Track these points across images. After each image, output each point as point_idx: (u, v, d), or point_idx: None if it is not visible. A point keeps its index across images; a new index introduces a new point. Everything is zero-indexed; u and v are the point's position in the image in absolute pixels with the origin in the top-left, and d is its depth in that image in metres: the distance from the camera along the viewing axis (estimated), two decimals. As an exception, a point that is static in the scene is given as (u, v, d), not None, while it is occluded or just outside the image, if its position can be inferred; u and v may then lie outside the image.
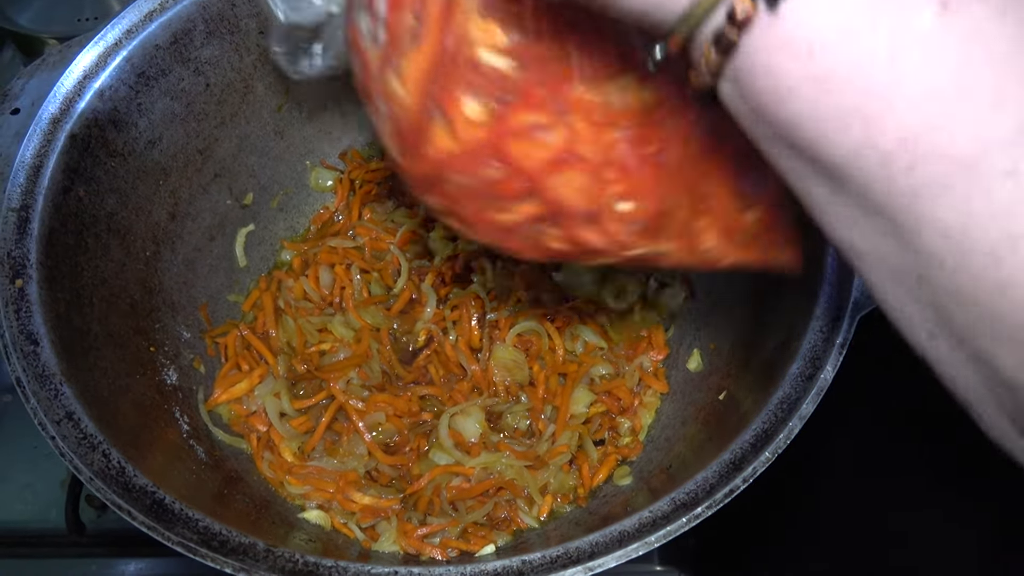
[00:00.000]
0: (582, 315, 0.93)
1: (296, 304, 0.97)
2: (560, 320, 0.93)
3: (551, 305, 0.93)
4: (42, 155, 0.74)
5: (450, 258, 0.96)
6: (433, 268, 0.97)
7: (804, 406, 0.64)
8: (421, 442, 0.86)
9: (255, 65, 0.92)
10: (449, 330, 0.94)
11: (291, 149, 1.01)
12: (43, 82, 0.78)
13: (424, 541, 0.78)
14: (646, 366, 0.92)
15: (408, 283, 0.96)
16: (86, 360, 0.71)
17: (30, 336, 0.67)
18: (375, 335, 0.93)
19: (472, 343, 0.92)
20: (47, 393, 0.64)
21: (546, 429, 0.87)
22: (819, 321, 0.68)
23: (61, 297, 0.71)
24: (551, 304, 0.93)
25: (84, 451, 0.62)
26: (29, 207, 0.72)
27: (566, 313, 0.93)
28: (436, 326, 0.93)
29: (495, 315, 0.93)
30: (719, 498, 0.61)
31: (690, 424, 0.84)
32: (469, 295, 0.94)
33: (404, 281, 0.96)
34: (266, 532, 0.64)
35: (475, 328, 0.92)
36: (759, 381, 0.72)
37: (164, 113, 0.85)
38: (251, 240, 1.00)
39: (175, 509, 0.61)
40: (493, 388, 0.89)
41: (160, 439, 0.77)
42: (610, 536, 0.61)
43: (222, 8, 0.86)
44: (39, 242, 0.71)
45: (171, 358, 0.86)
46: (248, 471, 0.84)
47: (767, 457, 0.62)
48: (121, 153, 0.81)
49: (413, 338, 0.94)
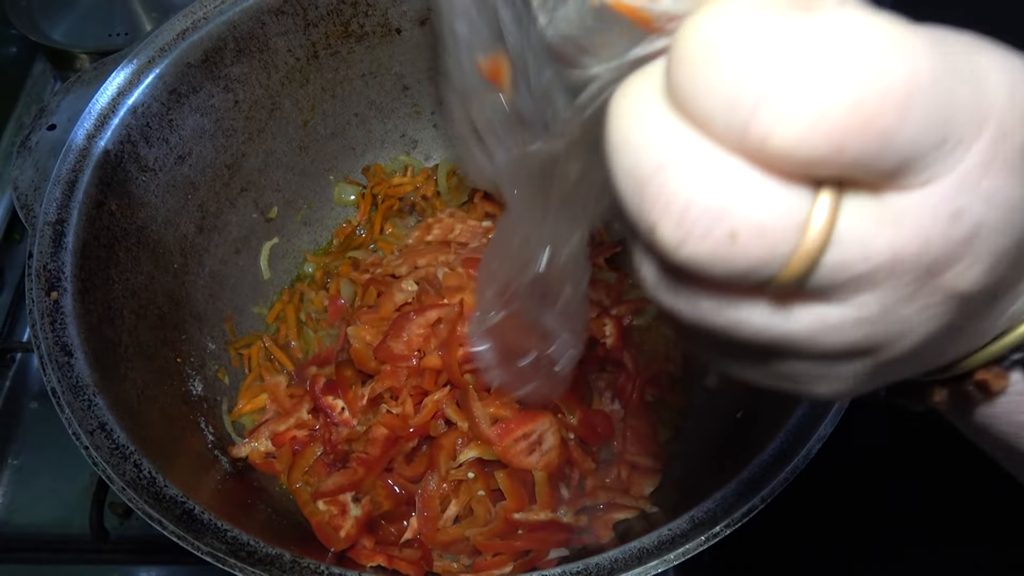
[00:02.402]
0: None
1: (317, 316, 0.99)
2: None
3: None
4: (77, 170, 0.76)
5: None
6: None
7: (823, 427, 0.64)
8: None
9: (282, 82, 0.94)
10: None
11: (315, 164, 1.03)
12: (79, 98, 0.80)
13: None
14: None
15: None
16: (117, 371, 0.73)
17: (65, 348, 0.68)
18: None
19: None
20: (81, 404, 0.66)
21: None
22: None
23: (94, 309, 0.73)
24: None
25: (117, 461, 0.64)
26: (64, 221, 0.74)
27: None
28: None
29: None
30: (737, 517, 0.62)
31: (708, 441, 0.85)
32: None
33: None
34: (290, 542, 0.65)
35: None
36: (777, 400, 0.73)
37: (194, 129, 0.87)
38: (275, 253, 1.02)
39: (204, 519, 0.62)
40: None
41: (187, 449, 0.78)
42: (630, 553, 0.62)
43: (252, 27, 0.88)
44: (73, 255, 0.73)
45: (197, 369, 0.87)
46: (271, 482, 0.85)
47: (785, 477, 0.63)
48: (152, 168, 0.83)
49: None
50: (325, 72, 0.97)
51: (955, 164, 0.22)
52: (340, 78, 0.98)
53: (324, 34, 0.94)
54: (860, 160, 0.21)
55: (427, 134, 1.09)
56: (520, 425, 0.81)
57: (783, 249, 0.22)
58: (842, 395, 0.30)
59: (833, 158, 0.21)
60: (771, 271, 0.23)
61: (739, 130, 0.21)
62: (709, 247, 0.22)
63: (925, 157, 0.22)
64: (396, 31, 0.97)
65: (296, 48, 0.92)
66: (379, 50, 0.98)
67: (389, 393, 0.85)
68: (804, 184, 0.22)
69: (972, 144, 0.22)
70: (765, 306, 0.25)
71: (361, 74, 0.99)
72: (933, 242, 0.23)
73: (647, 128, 0.23)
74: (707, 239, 0.22)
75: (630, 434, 0.89)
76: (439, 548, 0.80)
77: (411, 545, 0.81)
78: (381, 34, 0.97)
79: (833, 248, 0.23)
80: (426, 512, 0.81)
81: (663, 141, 0.23)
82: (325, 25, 0.93)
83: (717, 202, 0.22)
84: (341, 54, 0.96)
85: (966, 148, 0.22)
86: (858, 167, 0.22)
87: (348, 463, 0.83)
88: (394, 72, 1.01)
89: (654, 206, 0.23)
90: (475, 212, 1.03)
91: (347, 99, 1.01)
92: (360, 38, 0.96)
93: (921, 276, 0.24)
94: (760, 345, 0.26)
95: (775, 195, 0.22)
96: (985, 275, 0.24)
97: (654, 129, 0.23)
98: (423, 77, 1.03)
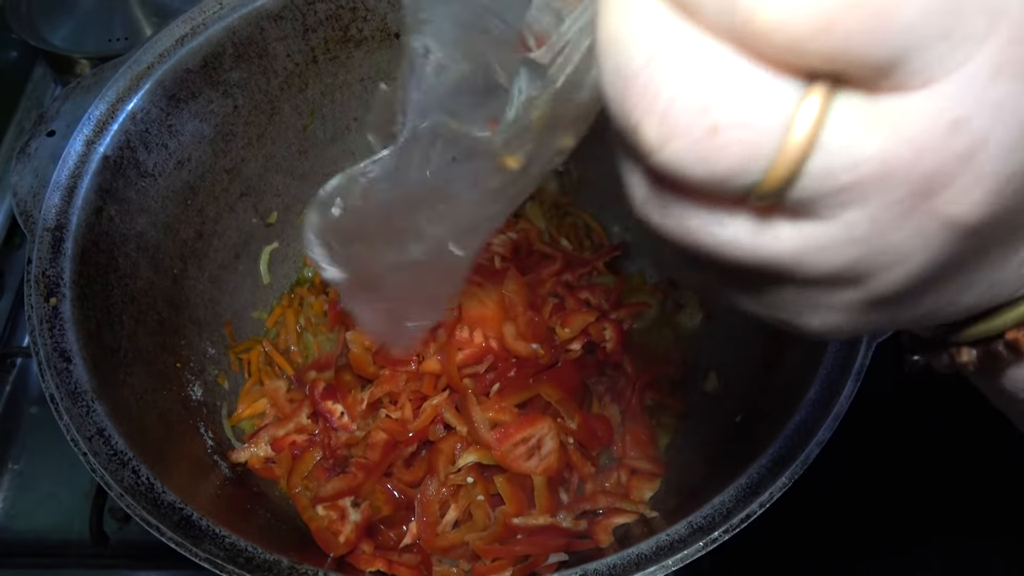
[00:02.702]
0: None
1: (316, 321, 0.99)
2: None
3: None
4: (76, 176, 0.76)
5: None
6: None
7: (821, 432, 0.64)
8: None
9: (281, 87, 0.94)
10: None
11: (315, 168, 1.03)
12: (78, 105, 0.80)
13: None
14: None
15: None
16: (116, 377, 0.73)
17: (63, 353, 0.68)
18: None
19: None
20: (79, 410, 0.66)
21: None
22: (836, 347, 0.69)
23: (92, 315, 0.73)
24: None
25: (115, 467, 0.64)
26: (63, 227, 0.74)
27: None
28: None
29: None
30: (736, 523, 0.62)
31: (707, 445, 0.85)
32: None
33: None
34: (289, 547, 0.65)
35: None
36: (776, 405, 0.73)
37: (193, 134, 0.87)
38: (275, 257, 1.02)
39: (202, 525, 0.62)
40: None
41: (186, 454, 0.78)
42: (628, 559, 0.62)
43: (251, 33, 0.88)
44: (72, 261, 0.73)
45: (196, 374, 0.87)
46: (270, 487, 0.85)
47: (784, 482, 0.63)
48: (151, 174, 0.83)
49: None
50: (324, 77, 0.97)
51: (960, 64, 0.20)
52: (339, 83, 0.98)
53: (323, 39, 0.94)
54: (851, 45, 0.19)
55: (426, 138, 1.09)
56: (519, 429, 0.81)
57: (765, 150, 0.21)
58: (837, 331, 0.28)
59: (822, 40, 0.19)
60: (753, 176, 0.22)
61: (728, 12, 0.20)
62: (689, 144, 0.21)
63: (926, 50, 0.19)
64: (395, 36, 0.97)
65: (295, 53, 0.93)
66: (378, 55, 0.98)
67: (388, 397, 0.85)
68: (794, 77, 0.21)
69: (983, 42, 0.20)
70: (749, 221, 0.24)
71: (360, 79, 0.99)
72: (928, 153, 0.21)
73: (635, 20, 0.21)
74: (688, 136, 0.21)
75: (629, 438, 0.89)
76: (438, 553, 0.80)
77: (410, 550, 0.81)
78: (380, 39, 0.97)
79: (819, 153, 0.21)
80: (425, 517, 0.81)
81: (651, 33, 0.21)
82: (324, 30, 0.93)
83: (701, 95, 0.21)
84: (340, 59, 0.96)
85: (975, 45, 0.20)
86: (849, 54, 0.19)
87: (347, 468, 0.84)
88: (393, 77, 1.01)
89: (638, 103, 0.21)
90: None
91: (346, 104, 1.01)
92: (359, 43, 0.96)
93: (914, 193, 0.22)
94: (747, 267, 0.25)
95: (760, 87, 0.21)
96: (987, 202, 0.22)
97: (642, 20, 0.21)
98: (422, 81, 1.03)
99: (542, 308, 0.91)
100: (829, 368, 0.68)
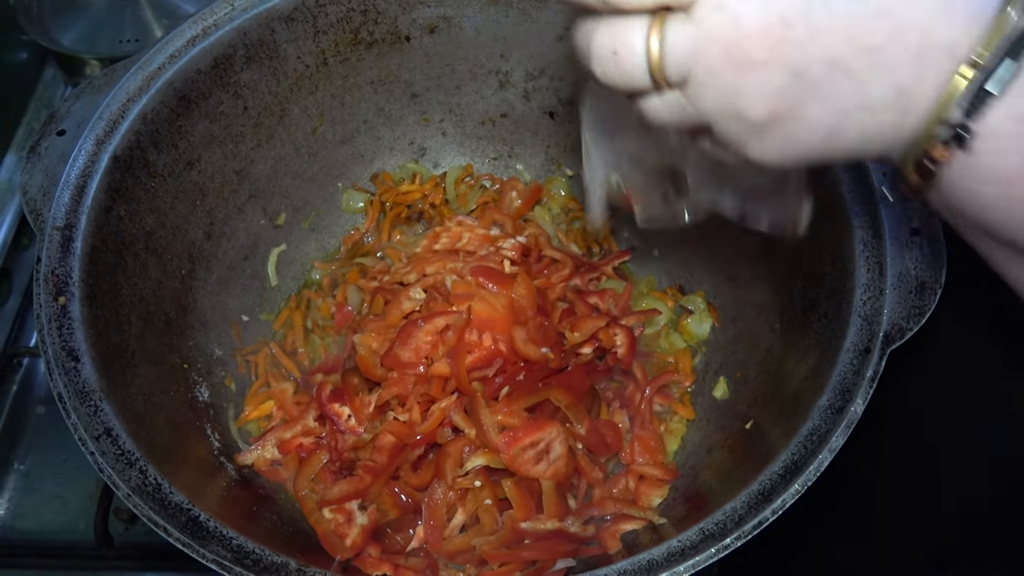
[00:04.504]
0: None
1: (323, 323, 0.99)
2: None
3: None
4: (86, 175, 0.76)
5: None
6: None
7: (834, 439, 0.64)
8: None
9: (291, 89, 0.94)
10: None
11: (324, 171, 1.03)
12: (88, 104, 0.80)
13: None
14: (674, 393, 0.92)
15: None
16: (123, 377, 0.73)
17: (71, 353, 0.68)
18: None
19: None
20: (87, 409, 0.66)
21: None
22: (849, 354, 0.68)
23: (101, 315, 0.73)
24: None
25: (122, 467, 0.63)
26: (73, 226, 0.74)
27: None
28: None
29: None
30: (748, 529, 0.61)
31: (716, 452, 0.84)
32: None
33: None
34: (295, 550, 0.65)
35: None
36: (786, 412, 0.72)
37: (203, 135, 0.87)
38: (283, 259, 1.01)
39: (209, 527, 0.62)
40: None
41: (192, 456, 0.78)
42: (638, 564, 0.61)
43: (262, 34, 0.88)
44: (81, 260, 0.73)
45: (203, 375, 0.87)
46: (277, 489, 0.85)
47: (796, 490, 0.62)
48: (161, 174, 0.83)
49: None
50: (334, 79, 0.97)
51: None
52: (349, 85, 0.98)
53: (334, 41, 0.94)
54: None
55: (435, 142, 1.09)
56: (528, 433, 0.80)
57: (640, 56, 0.42)
58: (772, 159, 0.44)
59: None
60: (641, 72, 0.43)
61: (608, 2, 0.42)
62: (606, 66, 0.44)
63: None
64: (405, 39, 0.97)
65: (305, 55, 0.93)
66: (388, 58, 0.98)
67: (396, 400, 0.85)
68: (645, 16, 0.42)
69: None
70: (657, 97, 0.45)
71: (370, 81, 0.99)
72: (722, 34, 0.40)
73: (582, 25, 0.45)
74: (606, 63, 0.44)
75: (638, 445, 0.88)
76: (445, 557, 0.79)
77: (417, 554, 0.80)
78: (390, 42, 0.97)
79: (667, 49, 0.41)
80: (432, 521, 0.80)
81: (590, 26, 0.44)
82: (335, 32, 0.93)
83: (606, 39, 0.43)
84: (350, 61, 0.96)
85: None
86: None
87: (354, 471, 0.83)
88: (403, 80, 1.01)
89: (590, 57, 0.44)
90: (483, 220, 1.03)
91: (356, 106, 1.01)
92: (369, 45, 0.96)
93: (723, 55, 0.40)
94: (675, 124, 0.46)
95: (629, 26, 0.42)
96: (763, 56, 0.40)
97: (584, 24, 0.45)
98: (432, 85, 1.03)
99: (552, 312, 0.90)
100: (842, 375, 0.67)
